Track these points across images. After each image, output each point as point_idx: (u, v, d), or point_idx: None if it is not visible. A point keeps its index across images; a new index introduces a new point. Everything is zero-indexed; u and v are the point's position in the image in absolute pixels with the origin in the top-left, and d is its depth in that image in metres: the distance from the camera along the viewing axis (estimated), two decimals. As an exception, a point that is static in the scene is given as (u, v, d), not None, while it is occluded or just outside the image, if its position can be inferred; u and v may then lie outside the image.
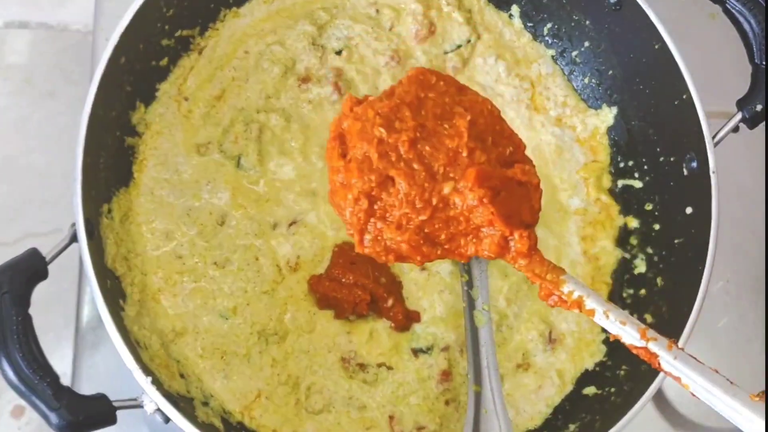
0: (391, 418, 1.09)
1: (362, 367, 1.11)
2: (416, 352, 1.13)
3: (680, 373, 0.76)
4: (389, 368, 1.11)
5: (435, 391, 1.11)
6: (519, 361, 1.14)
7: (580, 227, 1.22)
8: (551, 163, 1.24)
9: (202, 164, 1.16)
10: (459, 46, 1.27)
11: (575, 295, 0.82)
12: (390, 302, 1.11)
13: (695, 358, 0.76)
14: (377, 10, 1.26)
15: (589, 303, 0.81)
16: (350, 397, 1.09)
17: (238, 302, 1.10)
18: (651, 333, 0.78)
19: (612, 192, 1.24)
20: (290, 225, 1.15)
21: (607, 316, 0.80)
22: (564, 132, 1.26)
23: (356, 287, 1.10)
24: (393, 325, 1.12)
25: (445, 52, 1.27)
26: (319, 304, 1.12)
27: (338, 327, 1.12)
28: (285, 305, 1.12)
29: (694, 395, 0.75)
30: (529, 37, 1.30)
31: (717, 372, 0.75)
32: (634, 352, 0.79)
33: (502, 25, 1.30)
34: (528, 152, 1.23)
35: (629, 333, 0.79)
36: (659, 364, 0.77)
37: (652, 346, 0.78)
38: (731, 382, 0.74)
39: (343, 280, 1.11)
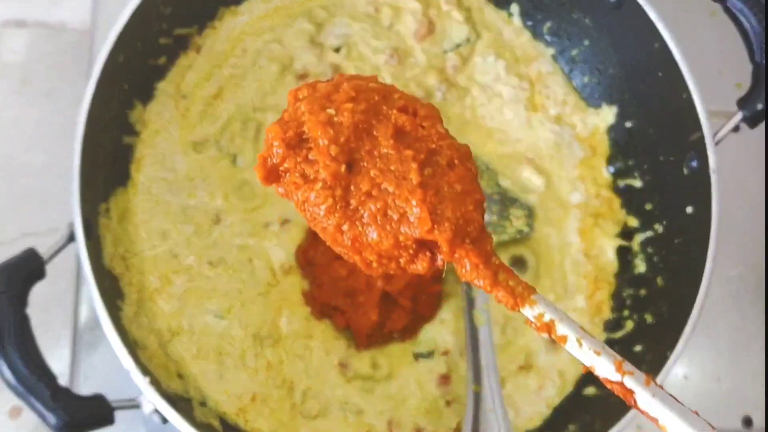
0: (389, 422, 1.09)
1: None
2: (417, 356, 1.13)
3: (658, 413, 0.68)
4: (389, 376, 1.11)
5: (434, 394, 1.11)
6: (522, 363, 1.14)
7: (581, 221, 1.22)
8: (548, 158, 1.24)
9: (198, 162, 1.16)
10: (458, 45, 1.26)
11: (546, 317, 0.71)
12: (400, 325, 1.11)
13: (675, 398, 0.69)
14: (376, 9, 1.26)
15: (561, 328, 0.71)
16: (347, 402, 1.09)
17: (233, 303, 1.10)
18: (627, 366, 0.70)
19: (612, 188, 1.24)
20: (282, 224, 1.15)
21: (580, 344, 0.71)
22: (563, 129, 1.26)
23: (361, 307, 1.09)
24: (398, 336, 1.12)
25: (445, 51, 1.26)
26: (317, 316, 1.12)
27: (336, 331, 1.12)
28: (279, 308, 1.11)
29: None
30: (529, 36, 1.30)
31: (698, 414, 0.68)
32: (608, 386, 0.71)
33: (502, 24, 1.29)
34: (524, 149, 1.24)
35: (604, 365, 0.71)
36: (635, 401, 0.69)
37: (628, 381, 0.69)
38: (713, 427, 0.67)
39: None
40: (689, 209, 1.10)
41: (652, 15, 1.12)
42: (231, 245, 1.12)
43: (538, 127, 1.25)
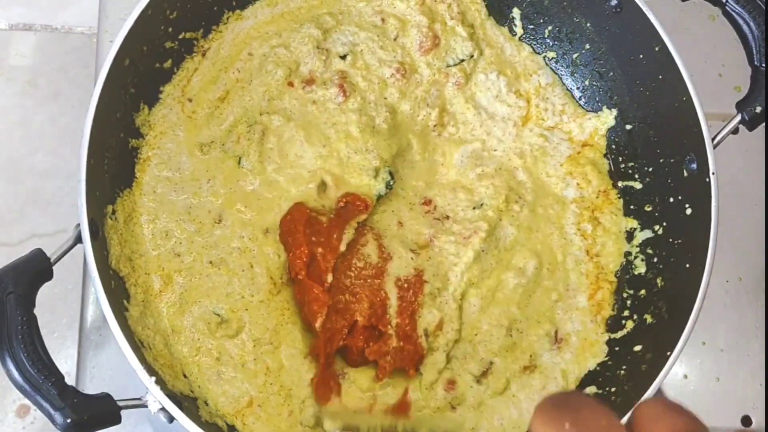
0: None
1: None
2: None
3: None
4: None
5: (440, 400, 1.10)
6: (526, 363, 1.14)
7: (579, 216, 1.22)
8: (530, 158, 1.24)
9: (204, 163, 1.16)
10: (462, 61, 1.27)
11: None
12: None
13: None
14: (383, 19, 1.26)
15: None
16: None
17: (235, 306, 1.10)
18: None
19: (611, 187, 1.25)
20: None
21: None
22: (553, 133, 1.26)
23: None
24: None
25: (448, 66, 1.26)
26: None
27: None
28: (282, 317, 1.11)
29: None
30: (529, 50, 1.30)
31: None
32: None
33: (503, 41, 1.30)
34: (509, 158, 1.24)
35: None
36: None
37: None
38: None
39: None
40: (689, 210, 1.11)
41: (652, 18, 1.13)
42: (231, 247, 1.12)
43: (527, 135, 1.25)
